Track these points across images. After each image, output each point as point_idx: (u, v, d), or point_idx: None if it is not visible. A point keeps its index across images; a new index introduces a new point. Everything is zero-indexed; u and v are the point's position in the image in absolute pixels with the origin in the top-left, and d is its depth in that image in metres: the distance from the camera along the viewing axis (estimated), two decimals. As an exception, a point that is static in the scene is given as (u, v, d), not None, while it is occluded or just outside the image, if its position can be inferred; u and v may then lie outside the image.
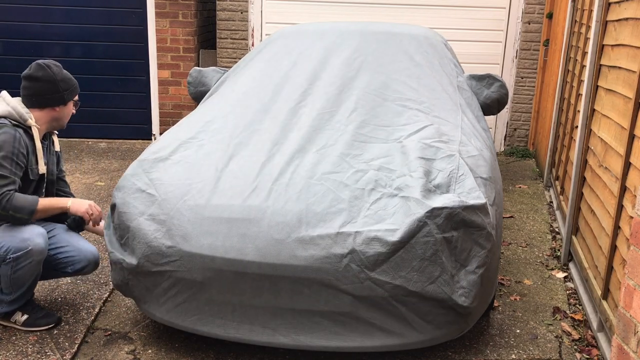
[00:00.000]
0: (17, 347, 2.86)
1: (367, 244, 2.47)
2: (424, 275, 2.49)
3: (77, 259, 2.98)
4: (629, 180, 2.72)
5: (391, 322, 2.54)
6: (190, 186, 2.74)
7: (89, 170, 5.65)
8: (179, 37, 6.59)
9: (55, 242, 3.00)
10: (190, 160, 2.92)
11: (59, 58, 6.60)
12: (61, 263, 2.99)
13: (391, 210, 2.57)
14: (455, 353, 2.92)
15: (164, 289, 2.65)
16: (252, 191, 2.67)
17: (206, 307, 2.62)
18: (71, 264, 2.99)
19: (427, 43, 4.02)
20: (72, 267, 3.00)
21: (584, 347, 3.00)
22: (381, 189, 2.67)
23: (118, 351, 2.88)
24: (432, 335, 2.59)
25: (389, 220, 2.53)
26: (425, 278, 2.49)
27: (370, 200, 2.62)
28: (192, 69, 4.28)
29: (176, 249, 2.58)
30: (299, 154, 2.91)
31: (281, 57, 3.87)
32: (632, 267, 2.01)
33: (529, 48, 6.50)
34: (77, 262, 2.99)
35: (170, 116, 6.81)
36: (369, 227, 2.51)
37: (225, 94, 3.66)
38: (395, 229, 2.49)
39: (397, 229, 2.49)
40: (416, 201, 2.56)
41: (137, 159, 3.01)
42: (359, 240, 2.48)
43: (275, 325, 2.58)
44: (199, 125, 3.25)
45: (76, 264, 2.99)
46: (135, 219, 2.71)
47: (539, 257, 4.04)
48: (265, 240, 2.52)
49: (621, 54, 3.09)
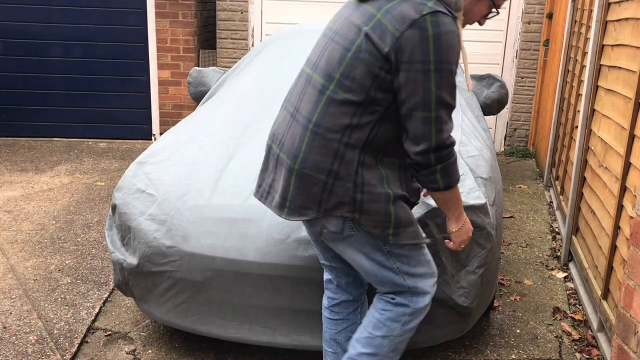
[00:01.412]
0: (17, 347, 2.86)
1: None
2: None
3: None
4: (629, 180, 2.72)
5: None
6: (190, 186, 2.74)
7: (89, 170, 5.66)
8: (179, 37, 6.59)
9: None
10: (191, 160, 2.92)
11: (59, 58, 6.60)
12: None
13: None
14: (455, 353, 2.92)
15: (164, 289, 2.65)
16: (252, 192, 2.67)
17: (206, 307, 2.62)
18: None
19: None
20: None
21: (584, 347, 3.00)
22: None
23: (118, 351, 2.88)
24: (432, 335, 2.59)
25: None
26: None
27: None
28: (192, 69, 4.28)
29: (176, 249, 2.58)
30: None
31: (281, 58, 3.87)
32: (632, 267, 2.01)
33: (529, 48, 6.50)
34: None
35: (170, 116, 6.81)
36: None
37: (226, 94, 3.65)
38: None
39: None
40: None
41: (137, 160, 3.00)
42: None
43: (276, 326, 2.58)
44: (199, 127, 3.25)
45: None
46: (135, 219, 2.71)
47: (539, 257, 4.04)
48: (266, 240, 2.52)
49: (621, 54, 3.09)
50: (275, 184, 2.07)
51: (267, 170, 2.13)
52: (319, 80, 1.99)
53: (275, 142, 2.10)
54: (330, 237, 2.04)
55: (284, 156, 2.02)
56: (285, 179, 2.00)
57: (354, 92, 1.92)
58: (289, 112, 2.08)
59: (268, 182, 2.11)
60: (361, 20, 1.92)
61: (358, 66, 1.90)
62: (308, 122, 1.98)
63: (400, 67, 1.85)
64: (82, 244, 4.01)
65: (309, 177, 1.96)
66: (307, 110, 2.00)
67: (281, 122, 2.11)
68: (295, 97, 2.08)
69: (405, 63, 1.84)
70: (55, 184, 5.18)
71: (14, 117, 6.72)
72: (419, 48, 1.82)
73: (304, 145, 1.97)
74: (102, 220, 4.41)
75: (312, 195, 1.96)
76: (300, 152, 1.98)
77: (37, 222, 4.34)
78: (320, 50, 2.05)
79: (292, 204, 1.99)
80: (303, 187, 1.97)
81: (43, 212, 4.53)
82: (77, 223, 4.35)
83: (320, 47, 2.07)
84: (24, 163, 5.79)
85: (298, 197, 1.98)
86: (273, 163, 2.09)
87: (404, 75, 1.85)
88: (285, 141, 2.04)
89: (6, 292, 3.36)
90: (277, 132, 2.10)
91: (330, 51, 1.99)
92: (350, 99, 1.92)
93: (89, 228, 4.27)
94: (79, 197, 4.88)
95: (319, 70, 2.01)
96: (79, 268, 3.67)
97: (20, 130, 6.75)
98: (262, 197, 2.13)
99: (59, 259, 3.78)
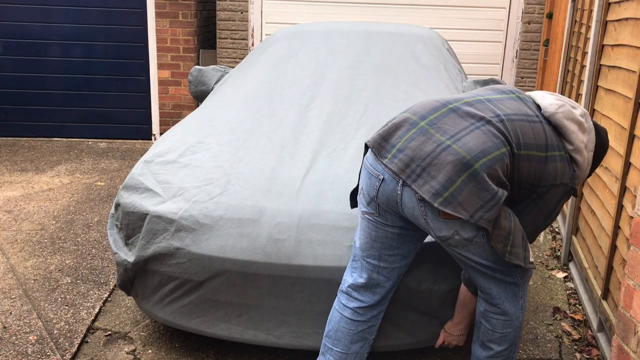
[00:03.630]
0: (17, 347, 2.86)
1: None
2: (433, 295, 2.49)
3: None
4: (629, 180, 2.73)
5: (392, 322, 2.54)
6: (199, 188, 2.71)
7: (89, 170, 5.66)
8: (179, 37, 6.59)
9: None
10: (199, 163, 2.88)
11: (59, 58, 6.60)
12: None
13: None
14: (455, 353, 2.92)
15: (170, 290, 2.64)
16: (262, 194, 2.64)
17: (212, 310, 2.60)
18: None
19: (432, 45, 4.00)
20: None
21: (584, 347, 3.00)
22: None
23: (118, 351, 2.88)
24: (432, 335, 2.59)
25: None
26: (433, 297, 2.49)
27: None
28: (193, 67, 4.28)
29: (185, 250, 2.57)
30: (309, 158, 2.88)
31: (285, 58, 3.85)
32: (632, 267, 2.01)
33: (529, 48, 6.50)
34: None
35: (170, 116, 6.81)
36: None
37: (230, 95, 3.62)
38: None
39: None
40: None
41: (143, 159, 2.96)
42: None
43: (280, 334, 2.57)
44: (206, 129, 3.21)
45: None
46: (143, 218, 2.69)
47: (539, 257, 4.04)
48: (276, 243, 2.50)
49: (621, 54, 3.09)
50: (432, 170, 2.00)
51: (422, 152, 2.04)
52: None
53: (440, 132, 2.05)
54: (455, 242, 2.05)
55: (460, 149, 1.98)
56: (455, 171, 1.98)
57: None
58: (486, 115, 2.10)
59: (422, 165, 2.02)
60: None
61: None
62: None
63: None
64: (82, 244, 4.01)
65: (484, 182, 1.96)
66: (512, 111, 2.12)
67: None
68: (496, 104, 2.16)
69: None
70: (55, 184, 5.18)
71: (14, 117, 6.72)
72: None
73: (495, 153, 1.99)
74: (102, 220, 4.41)
75: (476, 200, 1.96)
76: (487, 156, 1.98)
77: (37, 222, 4.34)
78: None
79: (453, 197, 1.96)
80: (473, 187, 1.96)
81: (43, 212, 4.53)
82: (77, 223, 4.35)
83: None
84: (24, 163, 5.79)
85: (462, 193, 1.96)
86: (432, 148, 2.03)
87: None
88: (465, 138, 2.02)
89: (6, 292, 3.36)
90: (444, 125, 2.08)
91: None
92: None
93: (89, 228, 4.27)
94: (79, 197, 4.88)
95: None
96: (79, 268, 3.67)
97: (20, 130, 6.75)
98: (410, 177, 2.04)
99: (59, 259, 3.78)
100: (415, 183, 2.02)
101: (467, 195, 1.95)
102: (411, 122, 2.11)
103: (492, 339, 2.23)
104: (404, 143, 2.08)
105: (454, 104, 2.13)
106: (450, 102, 2.15)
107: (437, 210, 2.01)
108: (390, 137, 2.12)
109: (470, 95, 2.21)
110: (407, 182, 2.03)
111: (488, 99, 2.17)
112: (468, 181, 1.95)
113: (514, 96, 2.21)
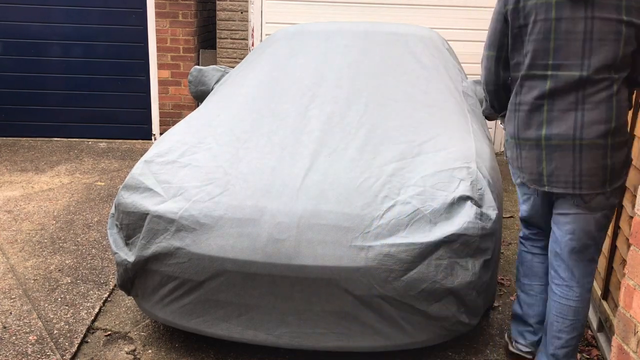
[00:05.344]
0: (17, 347, 2.86)
1: (379, 260, 2.45)
2: (432, 295, 2.50)
3: None
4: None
5: (392, 322, 2.54)
6: (199, 188, 2.71)
7: (89, 170, 5.66)
8: (179, 37, 6.59)
9: None
10: (199, 163, 2.88)
11: (59, 58, 6.60)
12: None
13: (404, 220, 2.55)
14: (455, 353, 2.92)
15: (170, 290, 2.64)
16: (262, 194, 2.64)
17: (212, 310, 2.61)
18: None
19: (432, 45, 4.00)
20: None
21: (584, 347, 3.00)
22: (394, 197, 2.62)
23: (118, 351, 2.88)
24: (432, 335, 2.60)
25: (402, 234, 2.52)
26: (432, 297, 2.50)
27: (383, 208, 2.57)
28: (193, 67, 4.28)
29: (185, 250, 2.57)
30: (309, 158, 2.87)
31: (286, 58, 3.85)
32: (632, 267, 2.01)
33: (529, 48, 6.48)
34: None
35: (170, 116, 6.82)
36: (381, 241, 2.47)
37: (231, 95, 3.62)
38: (409, 247, 2.48)
39: (411, 247, 2.48)
40: (433, 213, 2.54)
41: (143, 159, 2.96)
42: (371, 254, 2.46)
43: (280, 334, 2.57)
44: (206, 129, 3.21)
45: None
46: (143, 219, 2.69)
47: (539, 257, 4.04)
48: (276, 243, 2.50)
49: (621, 54, 3.09)
50: (577, 168, 2.33)
51: (570, 160, 2.35)
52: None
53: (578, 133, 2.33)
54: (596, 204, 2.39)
55: (595, 139, 2.28)
56: (593, 159, 2.30)
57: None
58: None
59: (576, 171, 2.33)
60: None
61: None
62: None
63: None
64: (82, 244, 4.01)
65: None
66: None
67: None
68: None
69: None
70: (55, 184, 5.18)
71: (14, 117, 6.72)
72: None
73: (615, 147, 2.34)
74: (102, 220, 4.41)
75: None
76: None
77: (37, 222, 4.34)
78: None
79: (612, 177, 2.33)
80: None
81: (43, 212, 4.53)
82: (77, 223, 4.35)
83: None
84: (24, 163, 5.79)
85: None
86: (572, 151, 2.34)
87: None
88: (588, 128, 2.28)
89: (6, 292, 3.36)
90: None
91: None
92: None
93: (89, 228, 4.27)
94: (79, 197, 4.88)
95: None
96: (79, 268, 3.67)
97: (20, 130, 6.75)
98: (575, 187, 2.36)
99: (59, 259, 3.78)
100: (580, 190, 2.39)
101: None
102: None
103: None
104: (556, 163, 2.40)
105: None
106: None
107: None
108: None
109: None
110: (569, 190, 2.41)
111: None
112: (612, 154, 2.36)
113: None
